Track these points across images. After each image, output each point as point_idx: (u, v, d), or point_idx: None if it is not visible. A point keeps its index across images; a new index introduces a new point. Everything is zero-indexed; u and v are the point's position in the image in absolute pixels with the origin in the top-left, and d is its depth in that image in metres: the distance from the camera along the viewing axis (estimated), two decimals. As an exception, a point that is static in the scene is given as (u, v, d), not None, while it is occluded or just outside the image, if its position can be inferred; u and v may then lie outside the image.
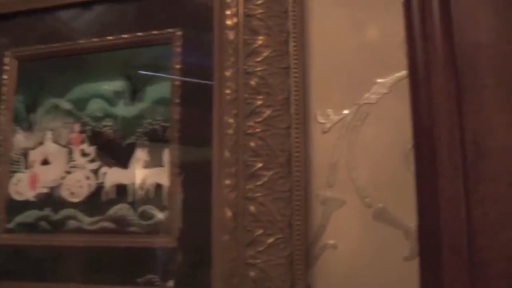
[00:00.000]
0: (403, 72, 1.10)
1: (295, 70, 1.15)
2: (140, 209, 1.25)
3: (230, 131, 1.16)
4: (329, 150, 1.15)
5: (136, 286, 1.23)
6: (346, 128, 1.14)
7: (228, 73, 1.18)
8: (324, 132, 1.16)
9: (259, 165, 1.13)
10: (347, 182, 1.13)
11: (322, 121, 1.17)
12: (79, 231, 1.30)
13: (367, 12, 1.16)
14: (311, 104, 1.17)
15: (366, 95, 1.14)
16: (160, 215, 1.23)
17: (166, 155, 1.25)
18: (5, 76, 1.43)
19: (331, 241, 1.12)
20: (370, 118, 1.13)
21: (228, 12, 1.21)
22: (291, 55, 1.17)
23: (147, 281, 1.22)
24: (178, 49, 1.27)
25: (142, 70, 1.29)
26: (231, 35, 1.20)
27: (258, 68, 1.17)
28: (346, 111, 1.15)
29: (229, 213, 1.13)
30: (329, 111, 1.16)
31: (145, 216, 1.24)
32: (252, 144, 1.14)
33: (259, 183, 1.13)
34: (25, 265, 1.34)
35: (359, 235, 1.11)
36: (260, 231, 1.11)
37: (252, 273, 1.10)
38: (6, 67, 1.44)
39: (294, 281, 1.09)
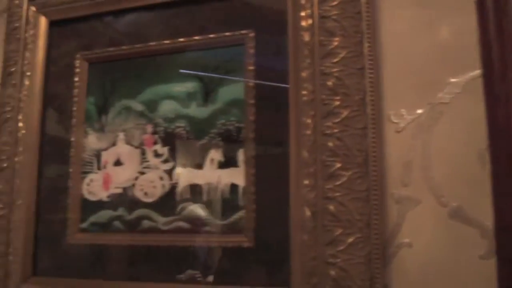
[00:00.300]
0: (477, 72, 1.12)
1: (370, 71, 1.18)
2: (215, 209, 1.28)
3: (308, 132, 1.19)
4: (403, 149, 1.18)
5: (212, 285, 1.25)
6: (419, 127, 1.17)
7: (304, 74, 1.22)
8: (398, 132, 1.19)
9: (338, 165, 1.16)
10: (422, 181, 1.15)
11: (395, 120, 1.19)
12: (154, 230, 1.33)
13: (439, 12, 1.19)
14: (384, 104, 1.19)
15: (439, 95, 1.17)
16: (235, 215, 1.26)
17: (241, 155, 1.27)
18: (76, 79, 1.47)
19: (407, 240, 1.15)
20: (444, 118, 1.16)
21: (302, 14, 1.24)
22: (365, 56, 1.19)
23: (223, 279, 1.24)
24: (251, 51, 1.30)
25: (214, 72, 1.32)
26: (306, 37, 1.23)
27: (335, 69, 1.20)
28: (419, 111, 1.18)
29: (308, 213, 1.17)
30: (403, 111, 1.19)
31: (220, 216, 1.27)
32: (330, 144, 1.17)
33: (338, 183, 1.16)
34: (99, 264, 1.37)
35: (434, 234, 1.14)
36: (339, 231, 1.14)
37: (332, 272, 1.13)
38: (77, 70, 1.48)
39: (372, 280, 1.11)
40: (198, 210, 1.30)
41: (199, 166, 1.32)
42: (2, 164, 1.47)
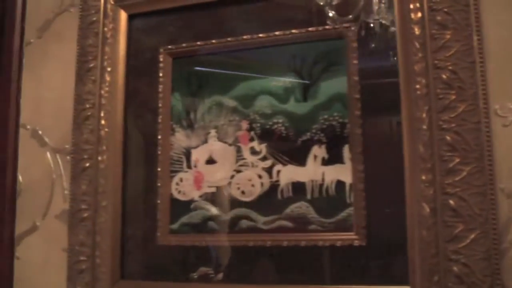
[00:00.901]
0: None
1: (481, 64, 1.20)
2: (321, 206, 1.28)
3: (424, 126, 1.20)
4: (510, 143, 1.20)
5: (321, 285, 1.26)
6: (527, 121, 1.19)
7: (416, 68, 1.22)
8: (505, 126, 1.21)
9: (457, 160, 1.18)
10: (531, 176, 1.17)
11: (503, 114, 1.21)
12: (253, 230, 1.33)
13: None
14: (490, 98, 1.21)
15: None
16: (343, 213, 1.27)
17: (346, 151, 1.28)
18: (160, 74, 1.46)
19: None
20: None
21: (411, 6, 1.25)
22: (475, 49, 1.21)
23: (335, 279, 1.25)
24: (354, 44, 1.30)
25: (313, 66, 1.33)
26: (416, 30, 1.24)
27: (449, 63, 1.22)
28: (527, 105, 1.20)
29: (427, 209, 1.18)
30: (509, 104, 1.20)
31: (326, 214, 1.28)
32: (448, 138, 1.18)
33: (457, 178, 1.18)
34: (192, 266, 1.37)
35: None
36: (461, 227, 1.16)
37: (455, 269, 1.15)
38: (161, 65, 1.46)
39: (493, 276, 1.14)
40: (302, 208, 1.30)
41: (301, 163, 1.33)
42: (84, 164, 1.46)
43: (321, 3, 1.34)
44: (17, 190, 1.62)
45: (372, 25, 1.33)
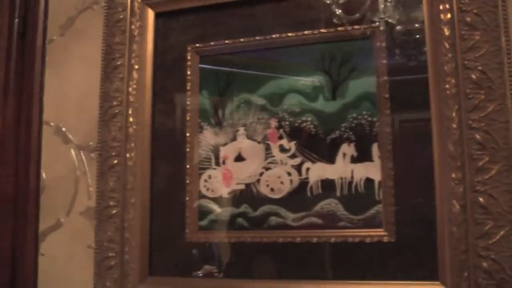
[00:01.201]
0: None
1: (509, 65, 1.25)
2: (350, 203, 1.33)
3: (454, 125, 1.25)
4: None
5: (351, 281, 1.30)
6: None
7: (446, 68, 1.27)
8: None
9: (486, 158, 1.23)
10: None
11: None
12: (283, 227, 1.37)
13: None
14: None
15: None
16: (372, 210, 1.32)
17: (375, 149, 1.32)
18: (188, 72, 1.50)
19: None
20: None
21: (441, 7, 1.29)
22: (504, 50, 1.26)
23: (364, 274, 1.29)
24: (382, 44, 1.34)
25: (342, 65, 1.37)
26: (446, 31, 1.28)
27: (478, 63, 1.26)
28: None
29: (457, 206, 1.23)
30: None
31: (355, 210, 1.32)
32: (477, 137, 1.22)
33: (487, 176, 1.23)
34: (221, 262, 1.40)
35: None
36: (491, 223, 1.21)
37: (485, 265, 1.20)
38: (189, 63, 1.50)
39: (521, 273, 1.18)
40: (331, 205, 1.34)
41: (330, 161, 1.37)
42: (112, 161, 1.49)
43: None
44: (40, 187, 1.64)
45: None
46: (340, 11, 1.39)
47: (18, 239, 1.60)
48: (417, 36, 1.35)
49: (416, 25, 1.36)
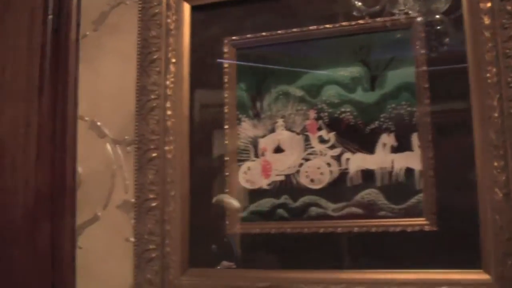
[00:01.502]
0: None
1: (542, 55, 1.27)
2: (390, 193, 1.35)
3: (495, 114, 1.27)
4: None
5: (393, 269, 1.32)
6: None
7: (487, 57, 1.29)
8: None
9: (529, 146, 1.24)
10: None
11: None
12: (323, 217, 1.40)
13: None
14: None
15: None
16: (413, 199, 1.34)
17: (415, 139, 1.34)
18: (225, 65, 1.52)
19: None
20: None
21: (480, -4, 1.32)
22: (543, 40, 1.28)
23: (406, 263, 1.32)
24: (421, 34, 1.37)
25: (380, 56, 1.39)
26: (486, 20, 1.30)
27: (519, 52, 1.27)
28: None
29: (500, 194, 1.25)
30: None
31: (396, 200, 1.35)
32: (520, 126, 1.25)
33: (530, 164, 1.24)
34: (262, 253, 1.43)
35: None
36: (534, 212, 1.23)
37: (529, 252, 1.22)
38: (225, 56, 1.52)
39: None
40: (372, 195, 1.36)
41: (370, 151, 1.39)
42: (151, 154, 1.52)
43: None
44: (77, 182, 1.67)
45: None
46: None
47: (56, 233, 1.63)
48: (455, 26, 1.37)
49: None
